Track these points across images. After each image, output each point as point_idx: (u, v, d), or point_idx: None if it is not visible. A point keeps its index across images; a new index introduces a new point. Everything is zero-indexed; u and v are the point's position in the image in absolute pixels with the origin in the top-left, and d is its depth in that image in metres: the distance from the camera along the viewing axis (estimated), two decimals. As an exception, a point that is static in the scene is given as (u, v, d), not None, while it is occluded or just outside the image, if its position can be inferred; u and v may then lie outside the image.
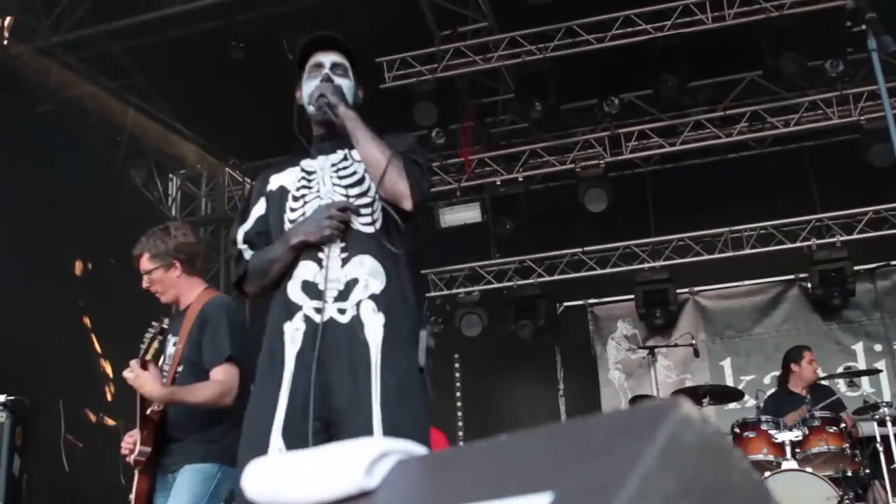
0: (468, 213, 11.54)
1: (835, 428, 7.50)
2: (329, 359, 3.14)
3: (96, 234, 10.62)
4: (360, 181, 3.44)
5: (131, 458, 4.61)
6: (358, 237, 3.32)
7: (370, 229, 3.35)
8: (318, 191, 3.46)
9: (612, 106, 10.86)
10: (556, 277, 12.06)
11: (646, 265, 11.72)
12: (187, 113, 11.69)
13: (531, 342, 11.85)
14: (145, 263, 4.94)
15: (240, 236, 3.60)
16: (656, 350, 9.38)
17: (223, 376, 4.56)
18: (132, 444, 4.63)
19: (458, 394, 12.48)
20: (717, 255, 11.57)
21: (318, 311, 3.21)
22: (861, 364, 10.98)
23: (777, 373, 9.89)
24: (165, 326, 4.62)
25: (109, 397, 11.49)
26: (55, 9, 10.07)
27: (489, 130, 11.85)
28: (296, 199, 3.47)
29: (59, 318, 10.48)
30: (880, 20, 3.86)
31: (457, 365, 12.62)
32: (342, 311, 3.20)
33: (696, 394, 8.39)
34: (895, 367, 10.65)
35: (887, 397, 10.02)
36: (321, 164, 3.52)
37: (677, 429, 0.84)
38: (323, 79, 3.58)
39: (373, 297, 3.22)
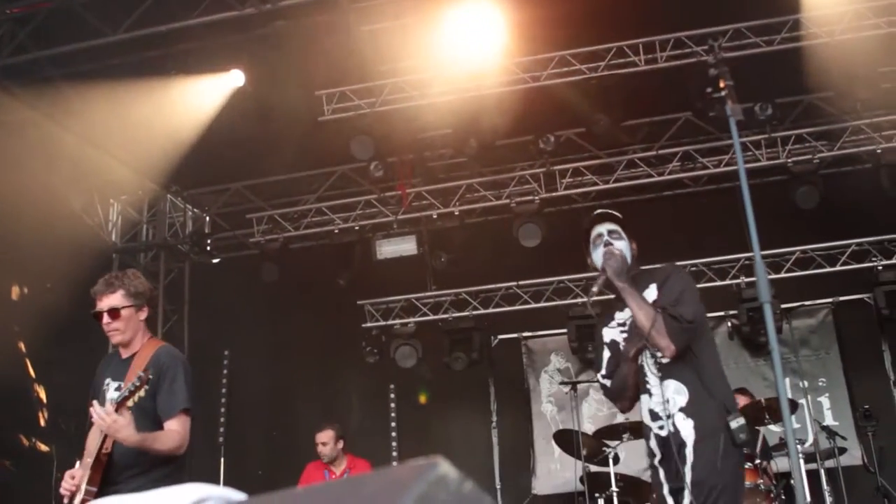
0: (404, 246, 11.68)
1: (750, 464, 7.67)
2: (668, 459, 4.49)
3: (34, 258, 10.58)
4: None
5: (77, 500, 4.64)
6: (662, 367, 4.50)
7: (666, 360, 4.49)
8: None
9: (548, 143, 11.04)
10: (490, 310, 12.19)
11: (579, 300, 11.87)
12: (128, 139, 11.66)
13: (465, 374, 11.95)
14: (119, 299, 4.93)
15: (601, 376, 4.89)
16: (588, 384, 9.50)
17: (179, 427, 4.73)
18: (75, 485, 4.69)
19: (393, 424, 12.52)
20: (649, 291, 11.72)
21: (661, 428, 4.49)
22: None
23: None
24: (151, 377, 4.61)
25: (42, 422, 11.44)
26: (-5, 34, 10.10)
27: (426, 164, 11.97)
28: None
29: (-8, 342, 10.44)
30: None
31: (392, 395, 12.68)
32: (661, 428, 4.49)
33: (618, 430, 8.57)
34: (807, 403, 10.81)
35: (810, 432, 10.23)
36: (626, 317, 4.72)
37: (431, 488, 0.94)
38: (605, 244, 4.80)
39: (681, 409, 4.41)
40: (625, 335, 4.72)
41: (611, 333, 4.83)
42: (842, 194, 10.73)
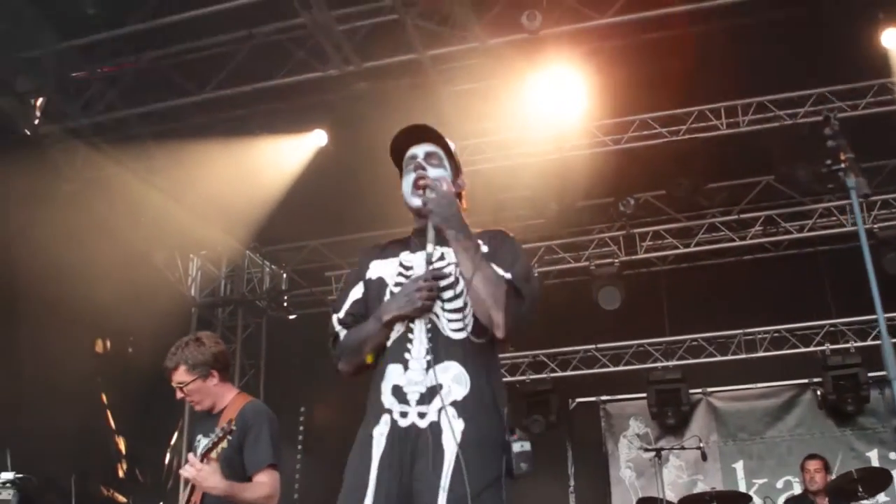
0: (483, 307, 11.59)
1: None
2: (409, 463, 3.12)
3: (117, 312, 10.72)
4: (454, 284, 3.33)
5: None
6: (446, 342, 3.24)
7: (460, 335, 3.26)
8: None
9: (628, 206, 10.97)
10: (568, 373, 12.09)
11: (659, 364, 11.72)
12: (210, 197, 11.82)
13: (543, 437, 11.80)
14: (182, 375, 4.94)
15: (335, 321, 3.54)
16: (667, 450, 9.33)
17: (269, 479, 4.72)
18: None
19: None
20: (730, 357, 11.57)
21: (404, 415, 3.20)
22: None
23: (790, 476, 9.84)
24: (234, 428, 4.57)
25: (121, 474, 11.55)
26: (87, 91, 10.35)
27: (505, 226, 11.92)
28: (393, 295, 3.37)
29: (75, 394, 10.56)
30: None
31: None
32: (422, 416, 3.16)
33: (703, 499, 8.37)
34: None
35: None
36: (419, 261, 3.40)
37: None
38: (416, 167, 3.53)
39: (454, 403, 3.16)
40: (399, 283, 3.39)
41: (381, 269, 3.49)
42: (932, 261, 10.46)
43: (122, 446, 11.62)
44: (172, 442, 12.96)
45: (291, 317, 14.37)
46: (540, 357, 12.21)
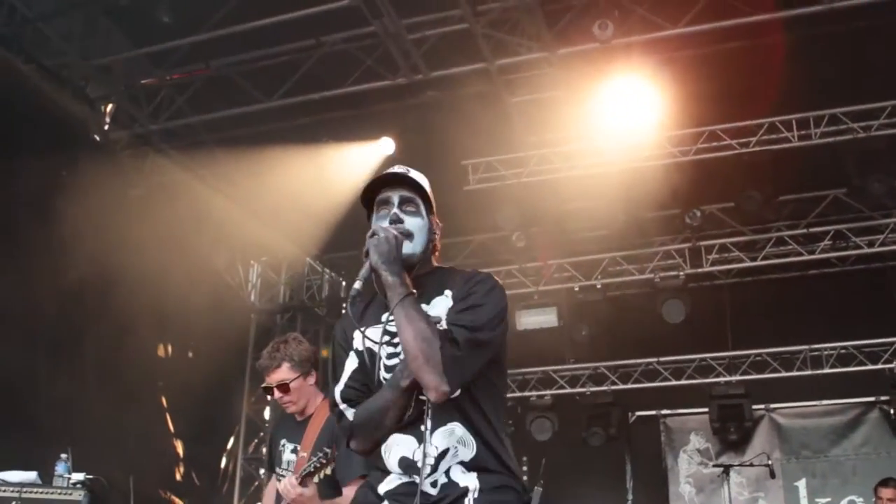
0: (545, 317, 11.56)
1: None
2: None
3: (178, 316, 10.78)
4: None
5: None
6: (443, 405, 3.01)
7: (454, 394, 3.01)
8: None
9: (694, 218, 10.87)
10: (629, 386, 12.00)
11: (721, 379, 11.59)
12: (274, 203, 11.84)
13: (602, 449, 11.72)
14: (285, 373, 4.90)
15: (338, 395, 3.25)
16: (734, 467, 9.21)
17: None
18: None
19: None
20: (794, 373, 11.42)
21: (411, 485, 3.05)
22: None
23: (854, 496, 9.68)
24: (338, 454, 4.41)
25: (178, 477, 11.60)
26: (156, 98, 10.45)
27: (569, 236, 11.86)
28: (388, 369, 3.16)
29: (137, 397, 10.63)
30: None
31: (524, 468, 12.49)
32: (434, 484, 3.03)
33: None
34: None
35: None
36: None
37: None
38: (392, 219, 3.19)
39: (462, 463, 3.03)
40: (392, 353, 3.14)
41: (370, 336, 3.16)
42: None
43: (179, 449, 11.67)
44: (229, 446, 13.02)
45: (349, 325, 14.35)
46: (601, 369, 12.13)
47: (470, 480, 3.00)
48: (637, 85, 9.44)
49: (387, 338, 3.11)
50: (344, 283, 14.31)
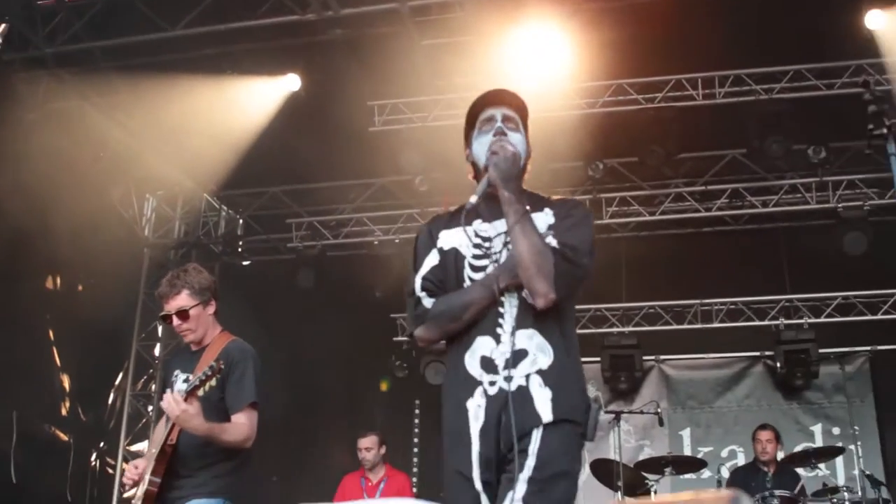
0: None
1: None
2: (501, 427, 3.15)
3: (69, 247, 10.50)
4: None
5: (140, 490, 4.62)
6: (528, 310, 3.26)
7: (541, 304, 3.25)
8: (497, 261, 3.36)
9: (596, 170, 10.96)
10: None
11: (614, 329, 11.78)
12: (172, 136, 11.55)
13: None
14: (185, 300, 4.86)
15: (418, 283, 3.46)
16: (626, 413, 9.40)
17: (247, 420, 4.68)
18: (138, 474, 4.68)
19: (416, 440, 12.43)
20: (685, 326, 11.68)
21: (493, 383, 3.21)
22: (819, 446, 11.02)
23: (734, 446, 9.99)
24: (223, 367, 4.50)
25: (64, 412, 11.37)
26: (52, 21, 10.06)
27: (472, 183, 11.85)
28: (475, 269, 3.39)
29: (23, 328, 10.36)
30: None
31: (417, 411, 12.59)
32: (508, 379, 3.17)
33: (659, 463, 8.47)
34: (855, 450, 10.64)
35: (841, 481, 10.09)
36: (496, 230, 3.41)
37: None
38: (496, 132, 3.50)
39: (540, 371, 3.21)
40: (479, 255, 3.38)
41: (453, 239, 3.45)
42: (890, 243, 10.59)
43: (66, 384, 11.42)
44: (117, 382, 12.78)
45: (245, 263, 14.20)
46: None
47: (543, 400, 3.18)
48: (547, 34, 9.41)
49: (478, 240, 3.40)
50: (241, 221, 14.09)
